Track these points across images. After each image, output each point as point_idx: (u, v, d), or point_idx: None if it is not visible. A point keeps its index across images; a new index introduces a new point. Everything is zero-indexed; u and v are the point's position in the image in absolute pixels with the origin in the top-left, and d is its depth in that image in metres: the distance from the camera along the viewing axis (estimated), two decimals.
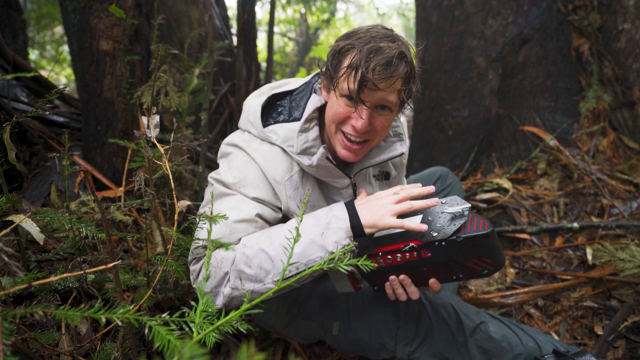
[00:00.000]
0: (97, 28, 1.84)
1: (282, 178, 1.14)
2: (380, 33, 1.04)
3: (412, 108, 1.19)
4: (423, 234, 1.01)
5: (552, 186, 2.49)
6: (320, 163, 1.12)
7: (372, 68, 0.98)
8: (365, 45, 1.00)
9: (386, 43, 1.01)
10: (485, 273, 1.00)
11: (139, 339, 1.31)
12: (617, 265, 1.71)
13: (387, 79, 1.00)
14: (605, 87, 2.63)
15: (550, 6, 2.69)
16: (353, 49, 1.02)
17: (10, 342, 0.51)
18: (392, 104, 1.06)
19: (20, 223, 0.98)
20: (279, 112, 1.20)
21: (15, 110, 2.14)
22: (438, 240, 0.98)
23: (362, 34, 1.04)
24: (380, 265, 1.07)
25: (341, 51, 1.04)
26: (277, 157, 1.15)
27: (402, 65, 1.02)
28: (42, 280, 0.60)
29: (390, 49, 1.00)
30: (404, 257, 1.03)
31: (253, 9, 3.84)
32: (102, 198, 1.85)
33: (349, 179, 1.21)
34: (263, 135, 1.17)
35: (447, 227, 0.99)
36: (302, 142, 1.12)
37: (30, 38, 6.21)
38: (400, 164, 1.39)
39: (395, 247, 1.03)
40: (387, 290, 1.11)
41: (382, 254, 1.05)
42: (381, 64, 0.99)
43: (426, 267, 1.03)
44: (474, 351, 1.20)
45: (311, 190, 1.19)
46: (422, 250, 1.00)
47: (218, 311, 0.61)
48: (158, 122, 1.10)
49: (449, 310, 1.24)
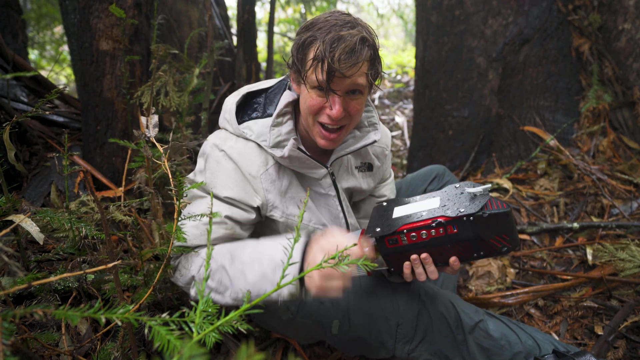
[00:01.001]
0: (97, 28, 1.84)
1: (257, 172, 1.18)
2: (340, 20, 1.05)
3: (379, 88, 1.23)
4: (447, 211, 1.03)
5: (552, 186, 2.49)
6: (292, 154, 1.15)
7: (337, 58, 1.01)
8: (327, 35, 1.02)
9: (347, 30, 1.03)
10: (505, 250, 1.03)
11: (138, 339, 1.31)
12: (617, 265, 1.71)
13: (353, 65, 1.03)
14: (606, 87, 2.63)
15: (550, 6, 2.69)
16: (316, 40, 1.04)
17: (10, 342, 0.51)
18: (361, 86, 1.09)
19: (20, 223, 0.98)
20: (254, 108, 1.24)
21: (15, 110, 2.14)
22: (466, 215, 0.99)
23: (321, 24, 1.05)
24: (404, 244, 1.06)
25: (304, 44, 1.07)
26: (252, 152, 1.19)
27: (365, 49, 1.04)
28: (42, 280, 0.60)
29: (352, 35, 1.02)
30: (429, 233, 1.03)
31: (253, 8, 3.84)
32: (102, 198, 1.85)
33: (325, 169, 1.24)
34: (238, 132, 1.20)
35: (473, 204, 1.02)
36: (275, 136, 1.16)
37: (30, 38, 6.21)
38: (382, 154, 1.42)
39: (421, 223, 1.04)
40: (406, 271, 1.11)
41: (406, 231, 1.05)
42: (345, 52, 1.01)
43: (450, 244, 1.04)
44: (474, 349, 1.20)
45: (289, 183, 1.23)
46: (449, 226, 1.02)
47: (218, 311, 0.61)
48: (157, 122, 1.10)
49: (448, 308, 1.24)
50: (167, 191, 1.92)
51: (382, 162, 1.43)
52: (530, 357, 1.18)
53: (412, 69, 8.00)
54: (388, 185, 1.52)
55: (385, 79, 7.86)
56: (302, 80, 1.11)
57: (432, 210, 1.07)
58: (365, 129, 1.29)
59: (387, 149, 1.43)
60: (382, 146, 1.41)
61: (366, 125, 1.29)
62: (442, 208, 1.07)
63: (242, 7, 3.75)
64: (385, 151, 1.43)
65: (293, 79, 1.18)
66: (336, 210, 1.33)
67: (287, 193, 1.23)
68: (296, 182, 1.25)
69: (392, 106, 6.16)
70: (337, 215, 1.33)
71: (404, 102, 6.30)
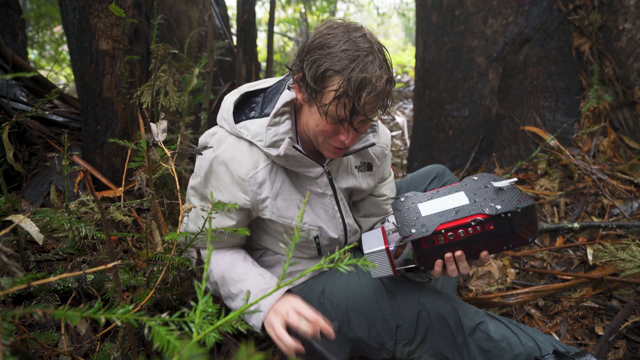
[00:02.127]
0: (97, 27, 1.84)
1: (246, 175, 1.18)
2: (360, 49, 1.00)
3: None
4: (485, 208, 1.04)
5: (553, 186, 2.48)
6: (288, 152, 1.15)
7: (363, 101, 1.00)
8: (351, 72, 0.98)
9: (372, 70, 0.99)
10: (530, 240, 1.07)
11: (138, 339, 1.31)
12: (618, 266, 1.71)
13: (378, 108, 1.04)
14: (606, 87, 2.63)
15: (550, 6, 2.69)
16: (337, 74, 1.00)
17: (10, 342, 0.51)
18: (378, 114, 1.10)
19: (19, 223, 0.97)
20: (252, 108, 1.24)
21: (14, 110, 2.13)
22: (504, 212, 1.02)
23: (340, 53, 0.99)
24: (440, 243, 1.07)
25: (324, 75, 1.01)
26: (242, 154, 1.19)
27: (389, 89, 1.04)
28: (42, 280, 0.60)
29: (379, 79, 0.99)
30: (466, 232, 1.05)
31: (253, 8, 3.83)
32: (102, 198, 1.84)
33: (322, 168, 1.24)
34: (235, 131, 1.21)
35: (508, 200, 1.05)
36: (272, 136, 1.16)
37: (30, 38, 6.21)
38: (382, 154, 1.42)
39: (459, 222, 1.05)
40: (437, 269, 1.11)
41: (444, 231, 1.06)
42: (372, 97, 1.00)
43: (485, 240, 1.06)
44: (474, 351, 1.20)
45: (281, 184, 1.23)
46: (486, 223, 1.04)
47: (218, 311, 0.61)
48: (166, 127, 1.11)
49: (448, 310, 1.23)
50: (167, 191, 1.92)
51: (382, 162, 1.43)
52: (531, 358, 1.18)
53: (412, 68, 8.00)
54: (388, 184, 1.52)
55: None
56: (315, 104, 1.07)
57: (465, 207, 1.08)
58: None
59: (387, 148, 1.43)
60: (382, 146, 1.40)
61: None
62: (475, 204, 1.08)
63: (242, 7, 3.75)
64: (385, 151, 1.42)
65: (302, 98, 1.13)
66: (333, 210, 1.32)
67: (280, 194, 1.23)
68: (289, 183, 1.25)
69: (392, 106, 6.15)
70: (333, 215, 1.33)
71: (404, 102, 6.30)
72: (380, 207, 1.51)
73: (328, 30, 1.04)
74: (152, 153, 1.07)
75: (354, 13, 10.26)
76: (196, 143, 2.55)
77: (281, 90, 1.21)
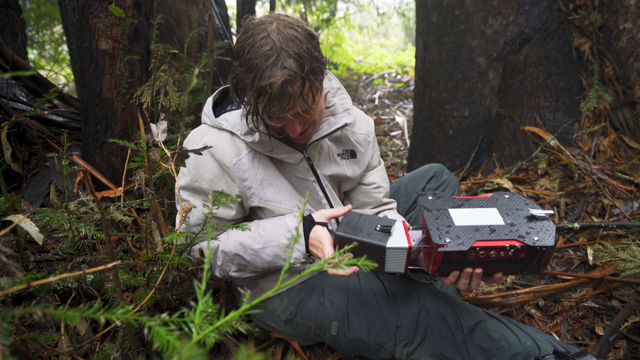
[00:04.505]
0: (97, 27, 1.84)
1: (230, 162, 1.21)
2: (260, 54, 0.98)
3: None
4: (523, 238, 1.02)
5: (553, 186, 2.48)
6: (264, 139, 1.18)
7: (268, 110, 1.02)
8: (252, 86, 1.00)
9: (268, 74, 0.97)
10: (542, 271, 1.07)
11: (138, 339, 1.31)
12: (618, 266, 1.71)
13: (286, 109, 1.03)
14: (606, 87, 2.63)
15: (550, 5, 2.69)
16: (245, 88, 1.04)
17: (9, 342, 0.51)
18: (307, 105, 1.06)
19: (19, 223, 0.97)
20: (231, 101, 1.30)
21: (14, 109, 2.13)
22: (541, 246, 1.00)
23: (244, 61, 1.01)
24: (469, 259, 1.04)
25: (237, 87, 1.07)
26: (225, 142, 1.22)
27: (294, 86, 0.99)
28: (41, 280, 0.60)
29: (273, 84, 0.96)
30: (498, 254, 1.02)
31: (253, 8, 3.83)
32: (102, 198, 1.84)
33: (301, 154, 1.26)
34: (215, 124, 1.25)
35: (545, 234, 1.02)
36: (247, 124, 1.18)
37: (29, 37, 6.21)
38: (365, 141, 1.43)
39: (496, 243, 1.02)
40: (451, 278, 1.09)
41: (479, 249, 1.02)
42: (273, 105, 1.01)
43: (510, 264, 1.04)
44: (473, 350, 1.20)
45: (265, 170, 1.26)
46: (520, 251, 1.01)
47: (218, 311, 0.61)
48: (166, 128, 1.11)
49: (447, 309, 1.23)
50: (167, 191, 1.92)
51: (366, 149, 1.44)
52: (530, 357, 1.18)
53: (412, 68, 8.00)
54: (377, 172, 1.51)
55: (385, 78, 7.85)
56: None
57: (501, 228, 1.04)
58: (339, 115, 1.29)
59: (370, 135, 1.44)
60: (363, 133, 1.42)
61: (340, 112, 1.29)
62: (511, 228, 1.04)
63: (242, 7, 3.75)
64: (368, 138, 1.44)
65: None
66: (317, 195, 1.34)
67: (264, 180, 1.26)
68: (273, 169, 1.27)
69: (392, 106, 6.16)
70: (319, 200, 1.35)
71: (404, 102, 6.30)
72: (371, 196, 1.50)
73: (241, 37, 1.05)
74: (152, 153, 1.07)
75: (354, 13, 10.26)
76: None
77: None
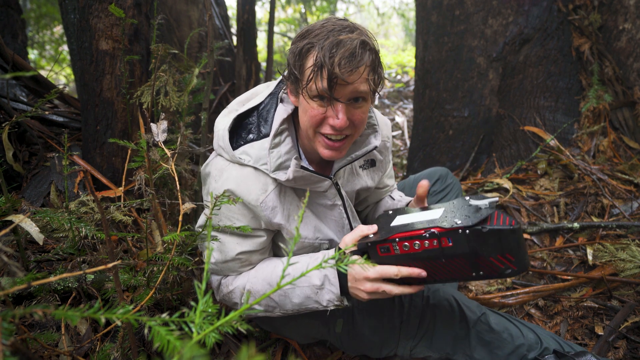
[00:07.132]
0: (97, 28, 1.84)
1: (256, 201, 1.13)
2: (337, 25, 1.01)
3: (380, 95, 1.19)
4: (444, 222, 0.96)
5: (553, 186, 2.48)
6: (297, 175, 1.11)
7: (337, 63, 0.96)
8: (325, 40, 0.98)
9: (345, 34, 0.99)
10: (508, 273, 0.93)
11: (138, 339, 1.31)
12: (618, 266, 1.71)
13: (355, 70, 0.98)
14: (606, 87, 2.63)
15: (550, 6, 2.69)
16: (313, 47, 1.01)
17: (10, 342, 0.51)
18: (365, 93, 1.04)
19: (19, 223, 0.97)
20: (248, 130, 1.18)
21: (14, 110, 2.13)
22: (462, 227, 0.92)
23: (318, 30, 1.01)
24: (395, 253, 1.00)
25: (301, 52, 1.02)
26: (248, 180, 1.14)
27: (367, 53, 1.00)
28: (42, 280, 0.60)
29: (351, 39, 0.98)
30: (422, 244, 0.96)
31: (253, 8, 3.83)
32: (102, 198, 1.84)
33: (329, 180, 1.20)
34: (234, 159, 1.15)
35: (472, 216, 0.95)
36: (276, 159, 1.11)
37: (30, 38, 6.21)
38: (384, 147, 1.38)
39: (414, 233, 0.97)
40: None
41: (399, 240, 0.99)
42: (345, 56, 0.97)
43: (445, 259, 0.96)
44: (476, 343, 1.20)
45: (290, 204, 1.19)
46: (443, 238, 0.94)
47: (218, 311, 0.61)
48: (166, 127, 1.11)
49: (452, 303, 1.24)
50: (167, 191, 1.92)
51: (385, 156, 1.41)
52: (532, 350, 1.18)
53: (412, 68, 8.00)
54: (388, 173, 1.52)
55: (385, 79, 7.85)
56: (300, 91, 1.05)
57: (431, 221, 1.00)
58: (365, 132, 1.24)
59: (388, 140, 1.40)
60: (383, 139, 1.36)
61: (366, 128, 1.24)
62: (441, 219, 0.99)
63: (242, 7, 3.75)
64: (387, 143, 1.39)
65: (290, 91, 1.13)
66: (342, 220, 1.29)
67: (291, 216, 1.19)
68: (298, 201, 1.21)
69: (392, 106, 6.15)
70: (342, 225, 1.30)
71: (404, 102, 6.30)
72: (381, 196, 1.52)
73: (309, 26, 1.06)
74: (152, 153, 1.07)
75: (354, 13, 10.26)
76: (196, 143, 2.55)
77: (275, 105, 1.17)
